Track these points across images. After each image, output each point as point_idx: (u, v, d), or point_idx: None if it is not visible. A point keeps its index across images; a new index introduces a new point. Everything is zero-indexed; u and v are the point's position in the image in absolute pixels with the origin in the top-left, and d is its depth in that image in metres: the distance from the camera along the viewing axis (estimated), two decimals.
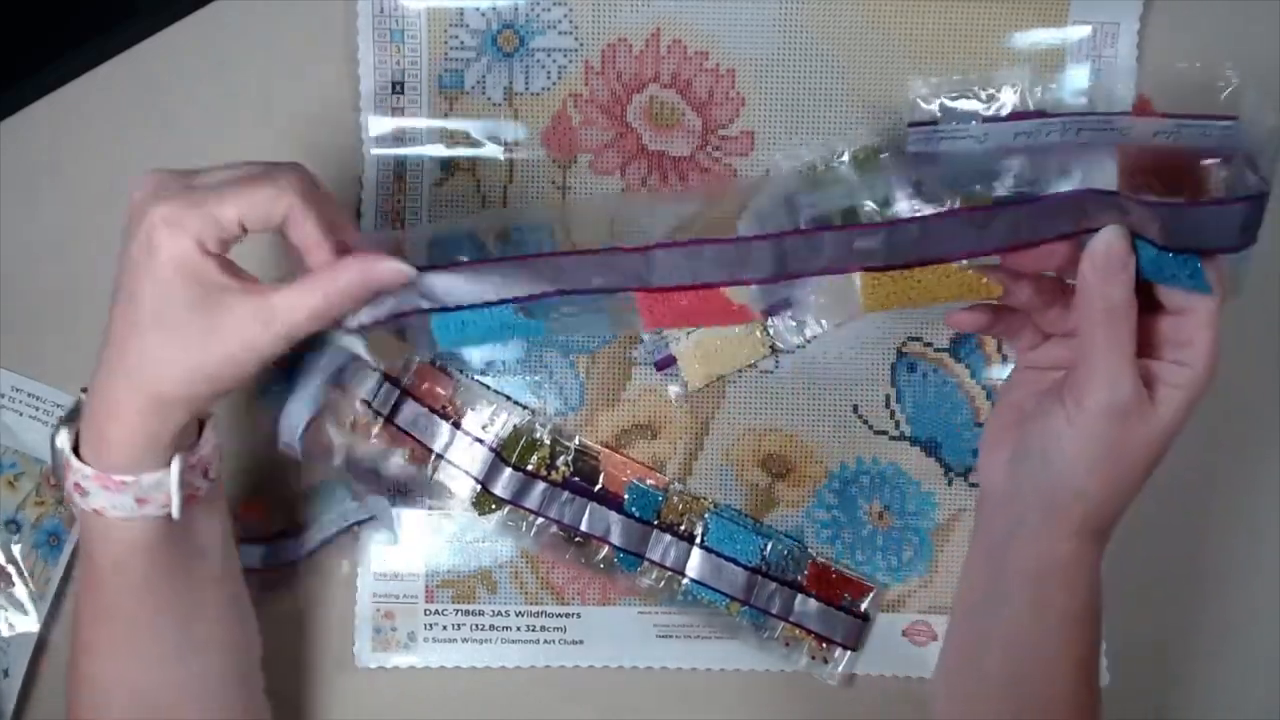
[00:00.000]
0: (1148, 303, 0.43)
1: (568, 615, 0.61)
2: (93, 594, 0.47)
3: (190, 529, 0.47)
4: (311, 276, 0.43)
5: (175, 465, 0.44)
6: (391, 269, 0.43)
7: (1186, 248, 0.41)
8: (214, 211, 0.41)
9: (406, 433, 0.58)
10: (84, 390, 0.45)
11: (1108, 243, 0.42)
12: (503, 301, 0.45)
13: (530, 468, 0.59)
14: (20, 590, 0.59)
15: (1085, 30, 0.59)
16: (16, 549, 0.59)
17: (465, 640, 0.60)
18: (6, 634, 0.59)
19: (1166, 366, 0.43)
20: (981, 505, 0.51)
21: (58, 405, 0.59)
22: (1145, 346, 0.43)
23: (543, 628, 0.60)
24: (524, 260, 0.45)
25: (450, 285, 0.45)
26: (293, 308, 0.42)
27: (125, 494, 0.43)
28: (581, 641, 0.61)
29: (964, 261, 0.43)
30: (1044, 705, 0.46)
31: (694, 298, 0.45)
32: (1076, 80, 0.58)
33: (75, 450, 0.44)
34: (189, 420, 0.44)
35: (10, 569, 0.59)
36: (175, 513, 0.44)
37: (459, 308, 0.45)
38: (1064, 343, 0.47)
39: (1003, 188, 0.44)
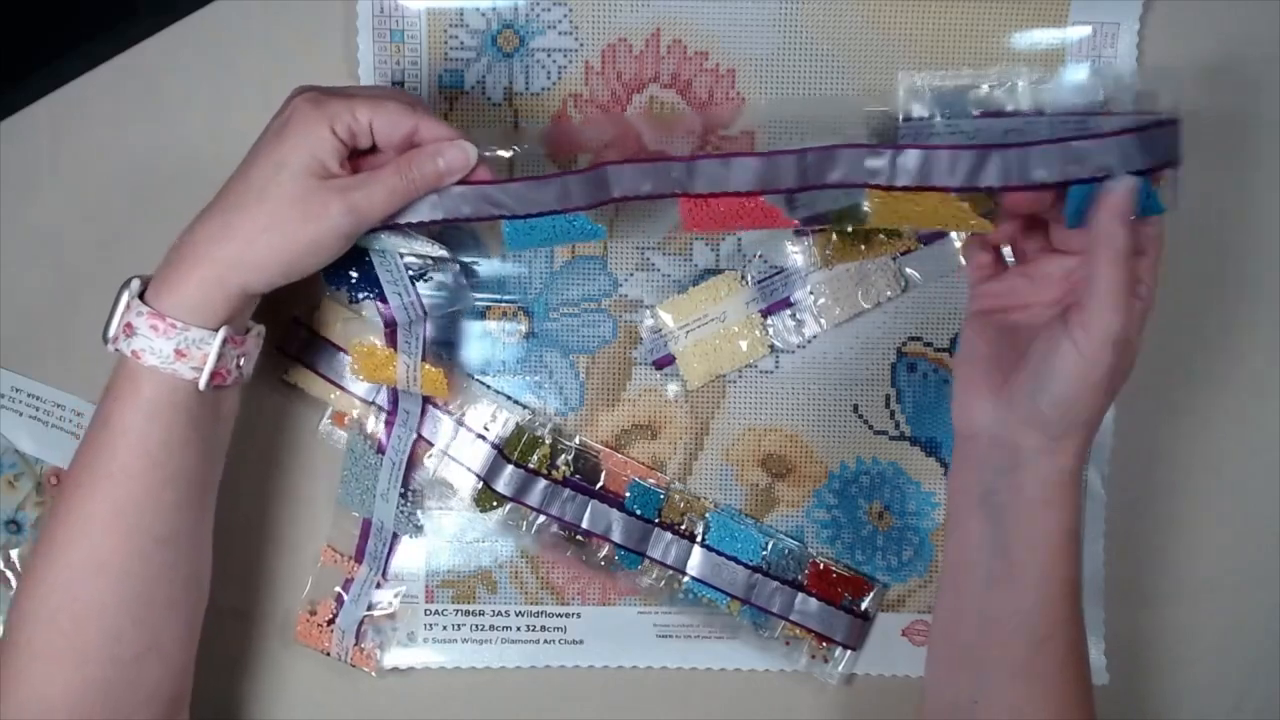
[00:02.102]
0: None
1: (568, 615, 0.61)
2: (100, 456, 0.48)
3: (205, 418, 0.49)
4: (387, 165, 0.49)
5: (222, 332, 0.48)
6: (460, 153, 0.49)
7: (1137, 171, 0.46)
8: (353, 105, 0.48)
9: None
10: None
11: (1123, 193, 0.46)
12: (565, 211, 0.50)
13: (532, 465, 0.59)
14: None
15: (1085, 30, 0.59)
16: (14, 553, 0.59)
17: (465, 640, 0.60)
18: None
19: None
20: (966, 456, 0.51)
21: (58, 405, 0.59)
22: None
23: (543, 628, 0.60)
24: (583, 172, 0.50)
25: (519, 193, 0.50)
26: (369, 185, 0.48)
27: (169, 340, 0.47)
28: (581, 641, 0.61)
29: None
30: (1049, 634, 0.49)
31: (731, 202, 0.49)
32: (1076, 80, 0.58)
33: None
34: (248, 302, 0.49)
35: (9, 573, 0.59)
36: (202, 382, 0.48)
37: (527, 215, 0.50)
38: (1027, 275, 0.51)
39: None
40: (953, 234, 0.59)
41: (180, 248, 0.48)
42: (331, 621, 0.59)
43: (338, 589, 0.59)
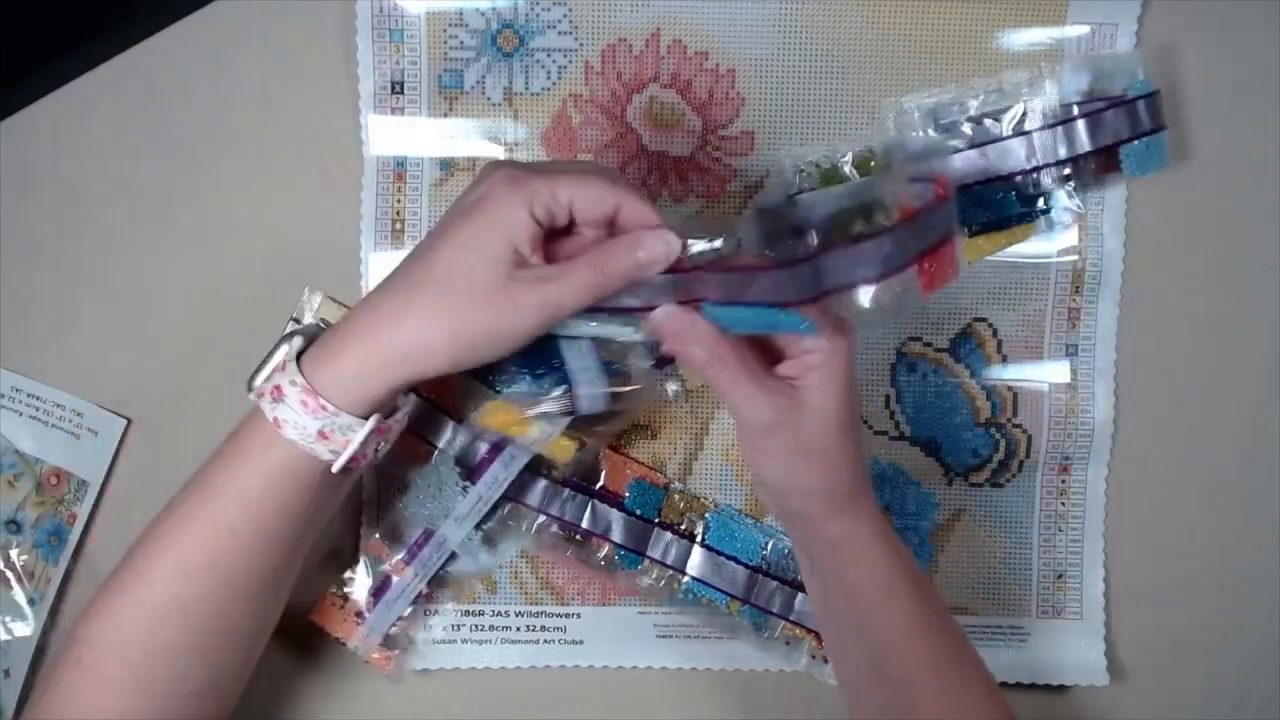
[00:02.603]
0: None
1: (568, 615, 0.61)
2: (210, 506, 0.46)
3: (325, 492, 0.48)
4: (584, 256, 0.45)
5: (371, 421, 0.45)
6: (660, 243, 0.45)
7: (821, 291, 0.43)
8: (554, 184, 0.44)
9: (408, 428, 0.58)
10: (323, 322, 0.48)
11: (658, 321, 0.46)
12: (776, 304, 0.45)
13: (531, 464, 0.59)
14: (19, 593, 0.59)
15: (1084, 30, 0.59)
16: (15, 552, 0.59)
17: (465, 640, 0.60)
18: (5, 636, 0.58)
19: (800, 359, 0.46)
20: (781, 525, 0.54)
21: (58, 405, 0.59)
22: (780, 348, 0.47)
23: (543, 628, 0.60)
24: (795, 265, 0.44)
25: (727, 283, 0.45)
26: (564, 277, 0.44)
27: (317, 421, 0.44)
28: (581, 641, 0.60)
29: None
30: (905, 678, 0.48)
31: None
32: (1075, 80, 0.59)
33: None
34: (408, 385, 0.46)
35: (9, 573, 0.59)
36: (338, 466, 0.45)
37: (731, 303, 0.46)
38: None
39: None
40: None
41: (355, 320, 0.45)
42: (361, 615, 0.58)
43: (370, 582, 0.58)
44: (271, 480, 0.46)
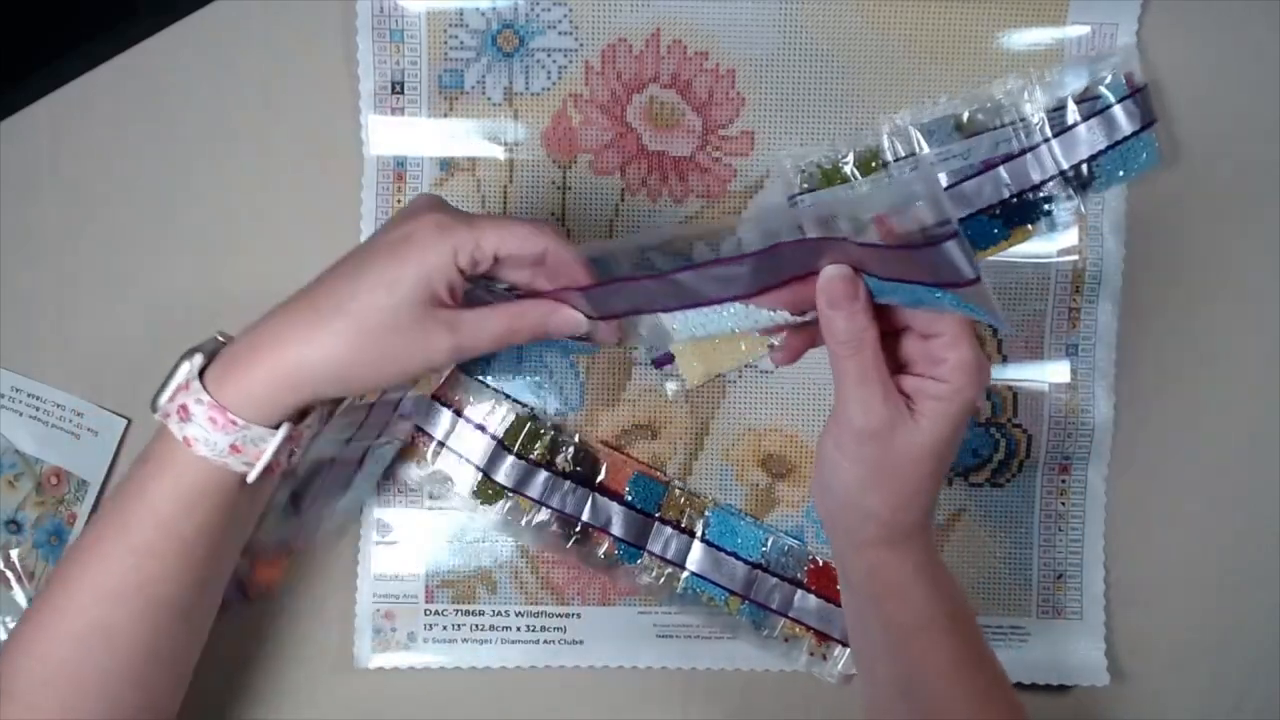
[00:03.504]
0: (902, 327, 0.45)
1: (568, 615, 0.61)
2: (127, 530, 0.46)
3: (242, 504, 0.48)
4: (502, 307, 0.47)
5: (282, 431, 0.45)
6: (569, 319, 0.47)
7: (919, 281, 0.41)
8: (479, 234, 0.45)
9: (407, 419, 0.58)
10: (220, 335, 0.47)
11: (828, 278, 0.43)
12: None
13: (533, 457, 0.59)
14: (19, 593, 0.59)
15: (1084, 30, 0.59)
16: (15, 552, 0.59)
17: (465, 640, 0.60)
18: (5, 637, 0.58)
19: (925, 382, 0.44)
20: (824, 528, 0.53)
21: (58, 405, 0.59)
22: (906, 364, 0.45)
23: (543, 628, 0.60)
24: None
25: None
26: (478, 329, 0.46)
27: (227, 436, 0.44)
28: (581, 641, 0.60)
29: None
30: (936, 709, 0.47)
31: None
32: (1075, 80, 0.59)
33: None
34: (314, 403, 0.47)
35: (9, 573, 0.59)
36: (252, 476, 0.46)
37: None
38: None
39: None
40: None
41: (259, 335, 0.45)
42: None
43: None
44: (187, 499, 0.45)
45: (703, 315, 0.46)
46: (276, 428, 0.45)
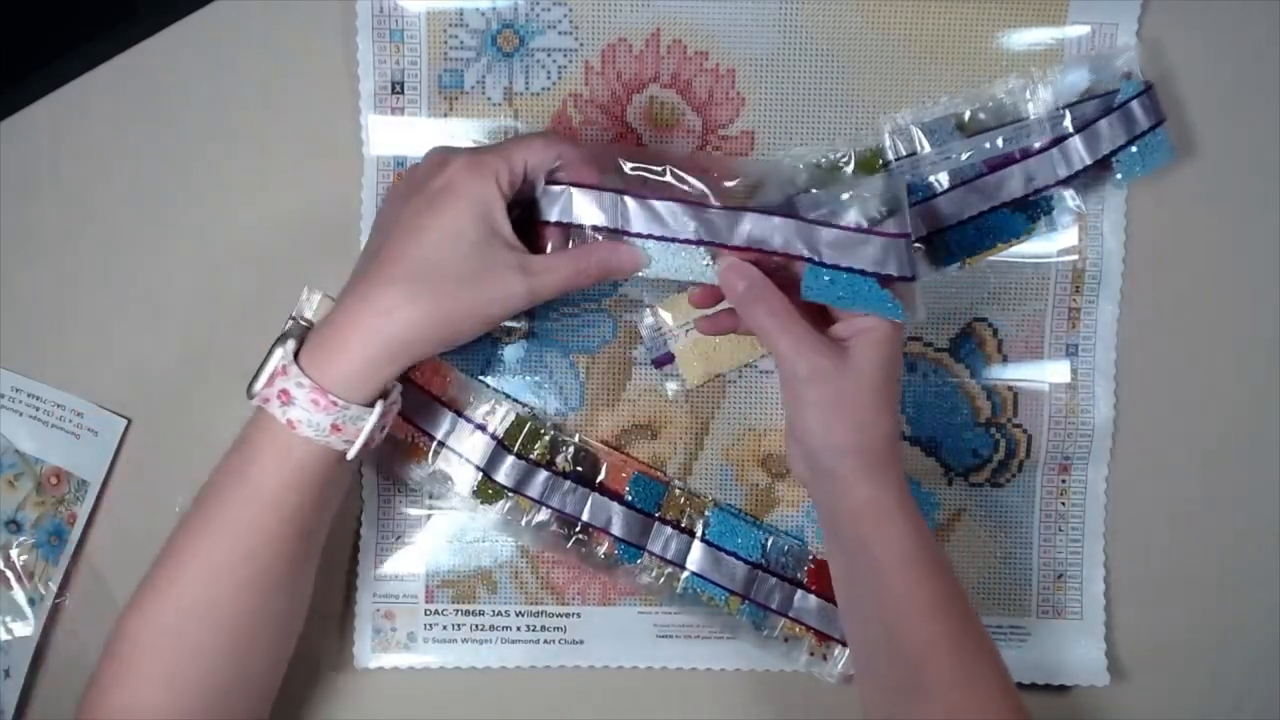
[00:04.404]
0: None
1: (568, 615, 0.61)
2: (231, 509, 0.47)
3: (340, 478, 0.50)
4: (567, 251, 0.50)
5: (379, 407, 0.47)
6: (630, 257, 0.50)
7: (863, 271, 0.49)
8: (507, 155, 0.48)
9: (406, 419, 0.58)
10: (299, 318, 0.49)
11: (723, 264, 0.50)
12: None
13: (533, 457, 0.59)
14: (19, 593, 0.59)
15: (1084, 30, 0.59)
16: (15, 552, 0.59)
17: (465, 640, 0.60)
18: (5, 636, 0.58)
19: (851, 319, 0.50)
20: (808, 492, 0.55)
21: (58, 405, 0.59)
22: (837, 319, 0.51)
23: (543, 628, 0.60)
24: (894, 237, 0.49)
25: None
26: (549, 270, 0.48)
27: (329, 416, 0.46)
28: (581, 641, 0.60)
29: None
30: (919, 656, 0.49)
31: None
32: (1070, 84, 0.59)
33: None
34: (407, 369, 0.48)
35: (9, 573, 0.59)
36: (353, 452, 0.47)
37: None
38: None
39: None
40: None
41: (343, 315, 0.47)
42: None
43: None
44: (290, 478, 0.47)
45: (670, 251, 0.50)
46: (372, 405, 0.47)
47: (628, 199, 0.50)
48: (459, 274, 0.46)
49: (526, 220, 0.51)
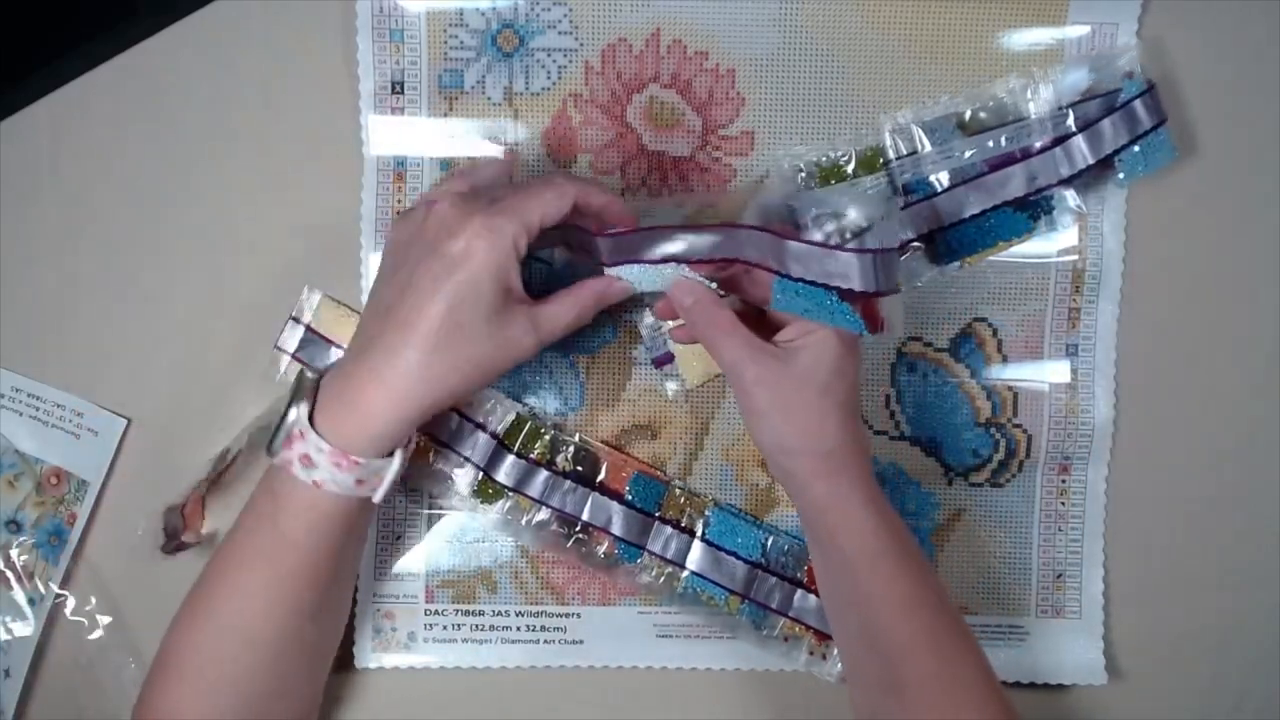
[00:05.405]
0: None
1: (568, 615, 0.61)
2: (259, 558, 0.49)
3: (366, 515, 0.52)
4: (566, 294, 0.51)
5: (399, 456, 0.49)
6: (621, 289, 0.52)
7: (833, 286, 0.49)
8: (524, 218, 0.48)
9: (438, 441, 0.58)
10: (307, 372, 0.51)
11: (672, 294, 0.52)
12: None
13: (533, 456, 0.59)
14: (19, 593, 0.59)
15: (1084, 30, 0.59)
16: (15, 552, 0.59)
17: (465, 640, 0.60)
18: (5, 636, 0.58)
19: (794, 327, 0.51)
20: (790, 497, 0.55)
21: (58, 405, 0.59)
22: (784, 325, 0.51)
23: (543, 628, 0.60)
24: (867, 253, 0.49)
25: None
26: (555, 319, 0.50)
27: (353, 473, 0.48)
28: (581, 641, 0.61)
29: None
30: (897, 653, 0.49)
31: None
32: (1071, 84, 0.59)
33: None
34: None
35: (9, 573, 0.59)
36: (378, 497, 0.49)
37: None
38: None
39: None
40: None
41: (360, 373, 0.48)
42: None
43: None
44: (319, 526, 0.49)
45: (654, 269, 0.51)
46: (391, 454, 0.49)
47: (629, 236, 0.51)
48: (476, 335, 0.47)
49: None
